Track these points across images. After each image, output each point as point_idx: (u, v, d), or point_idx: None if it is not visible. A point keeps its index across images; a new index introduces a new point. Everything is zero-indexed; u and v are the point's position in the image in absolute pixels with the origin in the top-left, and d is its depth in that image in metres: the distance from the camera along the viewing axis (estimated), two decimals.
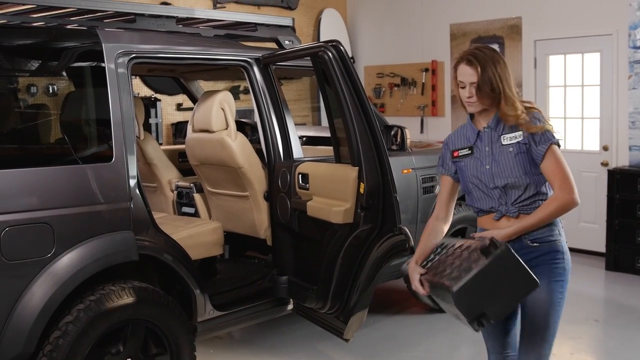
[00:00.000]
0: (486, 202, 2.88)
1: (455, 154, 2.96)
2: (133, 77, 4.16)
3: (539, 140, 2.75)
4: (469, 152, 2.91)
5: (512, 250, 2.60)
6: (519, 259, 2.60)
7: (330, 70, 3.76)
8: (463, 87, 2.82)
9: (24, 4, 3.56)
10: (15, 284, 3.11)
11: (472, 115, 2.93)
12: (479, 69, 2.75)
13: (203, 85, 6.09)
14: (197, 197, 5.03)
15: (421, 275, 2.84)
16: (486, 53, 2.79)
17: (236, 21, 4.56)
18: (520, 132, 2.79)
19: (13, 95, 3.58)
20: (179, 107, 7.72)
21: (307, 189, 4.04)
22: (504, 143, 2.82)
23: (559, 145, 2.79)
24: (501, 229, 2.81)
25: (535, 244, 2.82)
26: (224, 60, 4.23)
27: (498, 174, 2.81)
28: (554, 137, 2.78)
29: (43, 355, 3.18)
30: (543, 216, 2.78)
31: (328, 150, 4.55)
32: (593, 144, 7.34)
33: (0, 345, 3.07)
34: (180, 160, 5.62)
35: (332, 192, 3.88)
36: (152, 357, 3.58)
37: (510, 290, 2.63)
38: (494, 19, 7.99)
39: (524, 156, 2.78)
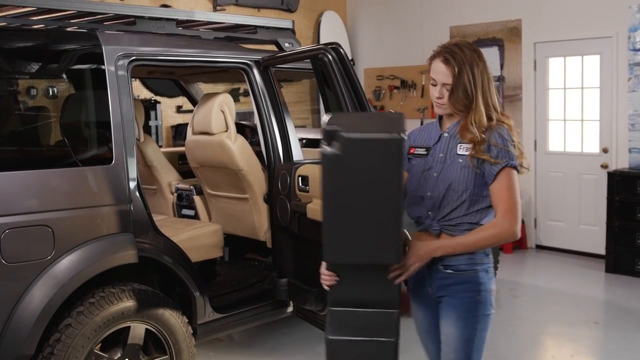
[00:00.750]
0: (416, 210, 2.64)
1: (412, 151, 2.70)
2: (133, 79, 4.16)
3: (496, 158, 2.48)
4: (425, 152, 2.66)
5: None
6: None
7: (330, 72, 3.76)
8: (434, 85, 2.60)
9: (24, 7, 3.56)
10: (15, 286, 3.11)
11: (440, 115, 2.70)
12: (455, 71, 2.51)
13: (203, 88, 6.09)
14: (197, 199, 5.03)
15: None
16: (466, 53, 2.54)
17: (236, 24, 4.57)
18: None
19: (13, 98, 3.58)
20: (179, 109, 7.72)
21: (307, 192, 4.03)
22: (458, 152, 2.55)
23: (517, 170, 2.51)
24: (428, 244, 2.52)
25: (448, 271, 2.57)
26: (223, 62, 4.23)
27: (441, 184, 2.55)
28: (513, 160, 2.49)
29: (43, 358, 3.18)
30: (478, 239, 2.49)
31: None
32: (593, 146, 7.35)
33: (1, 347, 3.07)
34: (180, 163, 5.63)
35: None
36: (152, 359, 3.58)
37: None
38: (494, 22, 7.99)
39: (471, 171, 2.50)
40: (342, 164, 2.31)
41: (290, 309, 4.38)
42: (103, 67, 3.49)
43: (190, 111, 5.69)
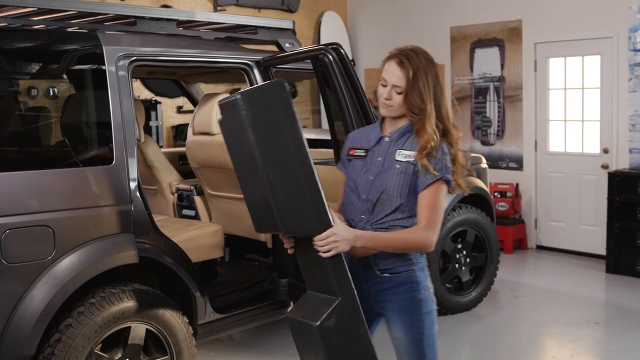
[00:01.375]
0: (350, 211, 2.66)
1: (351, 152, 2.73)
2: (133, 79, 4.16)
3: (434, 169, 2.51)
4: (364, 154, 2.68)
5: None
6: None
7: (330, 72, 3.76)
8: (384, 86, 2.59)
9: (24, 7, 3.57)
10: (15, 287, 3.11)
11: (383, 118, 2.71)
12: (410, 75, 2.53)
13: (203, 88, 6.09)
14: (198, 199, 5.03)
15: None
16: (421, 59, 2.57)
17: (237, 24, 4.57)
18: (415, 153, 2.55)
19: (14, 98, 3.58)
20: (180, 109, 7.72)
21: None
22: (396, 158, 2.58)
23: (448, 185, 2.55)
24: (351, 229, 2.51)
25: (385, 275, 2.60)
26: (224, 62, 4.23)
27: (376, 187, 2.58)
28: (448, 174, 2.53)
29: (43, 358, 3.19)
30: (397, 239, 2.52)
31: (328, 153, 4.55)
32: (593, 146, 7.34)
33: (1, 347, 3.07)
34: (180, 163, 5.63)
35: (332, 194, 3.88)
36: (153, 359, 3.57)
37: None
38: (494, 22, 7.99)
39: (407, 178, 2.55)
40: (240, 125, 2.37)
41: (290, 309, 4.37)
42: (104, 67, 3.49)
43: (191, 111, 5.70)
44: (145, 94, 7.44)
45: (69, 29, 3.82)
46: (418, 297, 2.61)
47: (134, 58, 3.63)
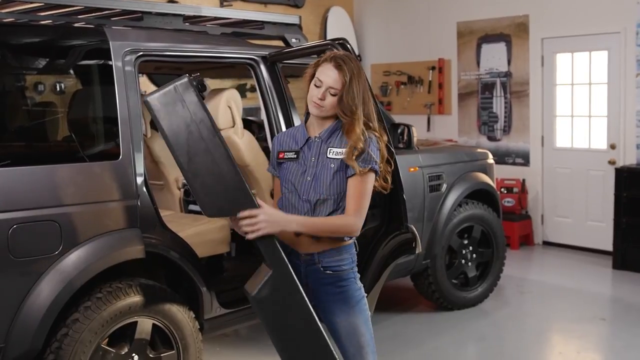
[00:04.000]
0: (292, 212, 2.77)
1: (281, 155, 2.83)
2: (140, 75, 4.16)
3: (361, 159, 2.66)
4: (295, 156, 2.79)
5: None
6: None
7: None
8: (318, 87, 2.69)
9: (31, 2, 3.57)
10: (23, 281, 3.12)
11: (307, 118, 2.83)
12: (347, 79, 2.65)
13: (210, 83, 6.09)
14: None
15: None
16: (354, 65, 2.70)
17: (243, 19, 4.56)
18: (346, 149, 2.69)
19: (21, 93, 3.59)
20: None
21: None
22: (328, 156, 2.72)
23: (376, 174, 2.71)
24: (283, 214, 2.69)
25: (328, 272, 2.77)
26: (230, 58, 4.23)
27: (315, 188, 2.72)
28: (375, 164, 2.68)
29: (51, 352, 3.20)
30: (330, 222, 2.70)
31: None
32: (600, 142, 7.32)
33: (9, 341, 3.08)
34: None
35: None
36: (159, 354, 3.59)
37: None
38: (501, 17, 7.97)
39: (343, 174, 2.70)
40: (161, 121, 2.60)
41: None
42: (110, 62, 3.50)
43: None
44: (151, 89, 7.43)
45: (76, 25, 3.82)
46: (353, 288, 2.81)
47: (141, 53, 3.64)
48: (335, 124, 2.76)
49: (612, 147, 7.17)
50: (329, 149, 2.73)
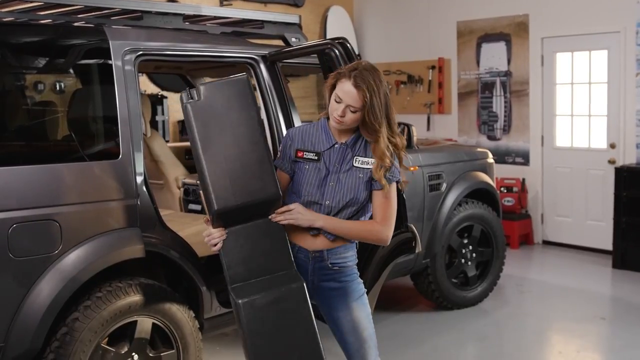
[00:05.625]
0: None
1: (300, 154, 2.80)
2: (140, 74, 4.16)
3: (388, 174, 2.74)
4: (316, 158, 2.78)
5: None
6: None
7: (336, 67, 3.74)
8: (339, 102, 2.68)
9: (31, 1, 3.57)
10: (23, 281, 3.12)
11: (328, 118, 2.81)
12: (367, 98, 2.63)
13: None
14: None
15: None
16: (375, 79, 2.66)
17: (243, 18, 4.56)
18: (373, 160, 2.74)
19: (20, 93, 3.59)
20: None
21: None
22: (355, 165, 2.76)
23: (397, 183, 2.83)
24: (312, 211, 2.76)
25: (335, 268, 2.83)
26: (230, 57, 4.23)
27: (339, 193, 2.75)
28: (399, 176, 2.80)
29: (50, 352, 3.20)
30: (359, 227, 2.79)
31: None
32: (600, 141, 7.33)
33: (9, 341, 3.08)
34: (186, 157, 5.63)
35: None
36: (159, 353, 3.59)
37: None
38: (501, 16, 7.97)
39: (369, 185, 2.77)
40: (203, 110, 2.67)
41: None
42: (110, 62, 3.49)
43: None
44: (151, 88, 7.45)
45: (76, 24, 3.82)
46: (355, 283, 2.88)
47: (141, 53, 3.64)
48: (359, 131, 2.79)
49: (612, 146, 7.17)
50: (356, 157, 2.77)
